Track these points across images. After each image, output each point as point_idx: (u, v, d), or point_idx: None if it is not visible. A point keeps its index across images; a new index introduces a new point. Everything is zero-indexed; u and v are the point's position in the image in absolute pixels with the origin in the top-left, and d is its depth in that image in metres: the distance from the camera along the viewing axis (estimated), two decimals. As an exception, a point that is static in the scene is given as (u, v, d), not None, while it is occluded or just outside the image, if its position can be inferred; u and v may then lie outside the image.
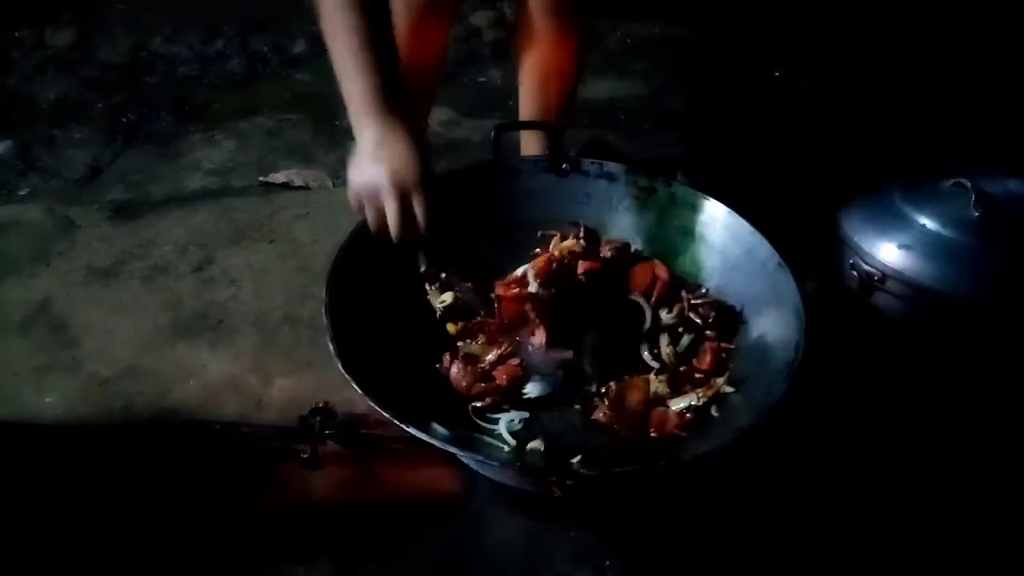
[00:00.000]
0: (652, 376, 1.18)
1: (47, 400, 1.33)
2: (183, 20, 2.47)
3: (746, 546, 1.13)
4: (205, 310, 1.50)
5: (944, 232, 1.27)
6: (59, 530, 1.13)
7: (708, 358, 1.19)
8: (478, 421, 1.15)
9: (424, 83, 1.61)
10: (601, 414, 1.14)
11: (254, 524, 1.15)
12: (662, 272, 1.28)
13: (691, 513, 1.16)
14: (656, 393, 1.16)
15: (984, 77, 2.12)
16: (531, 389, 1.17)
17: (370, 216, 1.10)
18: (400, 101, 1.06)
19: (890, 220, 1.31)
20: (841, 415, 1.27)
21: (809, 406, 1.12)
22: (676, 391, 1.16)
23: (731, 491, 1.17)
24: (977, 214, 1.25)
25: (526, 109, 1.64)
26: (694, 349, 1.23)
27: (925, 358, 1.31)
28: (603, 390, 1.16)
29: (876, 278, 1.29)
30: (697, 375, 1.19)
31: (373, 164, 1.04)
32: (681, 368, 1.20)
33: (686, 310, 1.24)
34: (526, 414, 1.15)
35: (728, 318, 1.24)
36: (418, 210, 1.06)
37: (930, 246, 1.26)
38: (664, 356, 1.22)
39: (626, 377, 1.17)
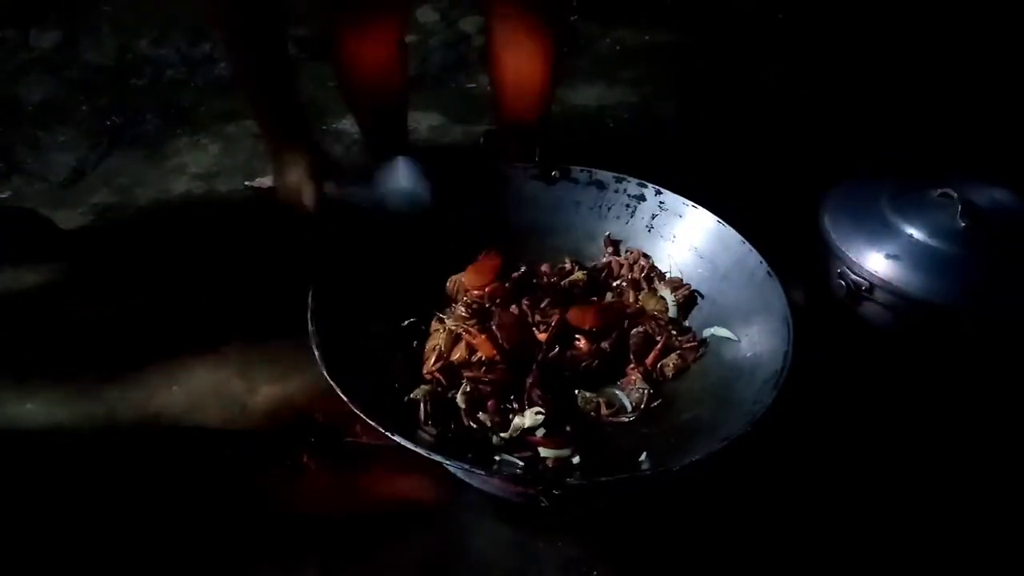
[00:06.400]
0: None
1: (28, 406, 1.31)
2: (170, 23, 2.45)
3: (733, 556, 1.13)
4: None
5: (931, 242, 1.27)
6: (42, 536, 1.12)
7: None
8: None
9: (385, 89, 1.58)
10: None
11: (238, 530, 1.13)
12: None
13: (678, 523, 1.15)
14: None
15: (976, 85, 2.15)
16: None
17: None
18: (297, 135, 1.29)
19: (877, 230, 1.32)
20: (828, 423, 1.27)
21: (797, 415, 1.12)
22: None
23: (718, 500, 1.17)
24: (963, 224, 1.26)
25: (501, 114, 1.61)
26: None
27: (912, 367, 1.32)
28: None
29: (864, 288, 1.29)
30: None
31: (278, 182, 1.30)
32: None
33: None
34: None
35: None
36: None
37: (917, 256, 1.27)
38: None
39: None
